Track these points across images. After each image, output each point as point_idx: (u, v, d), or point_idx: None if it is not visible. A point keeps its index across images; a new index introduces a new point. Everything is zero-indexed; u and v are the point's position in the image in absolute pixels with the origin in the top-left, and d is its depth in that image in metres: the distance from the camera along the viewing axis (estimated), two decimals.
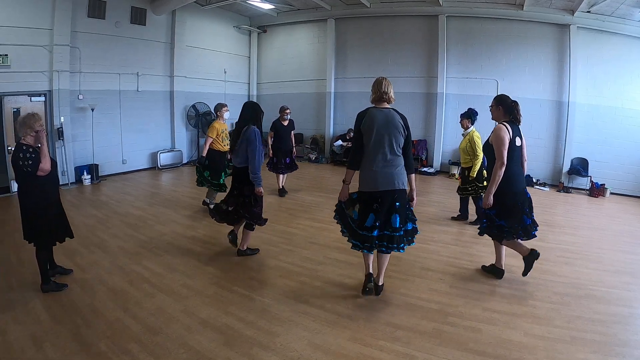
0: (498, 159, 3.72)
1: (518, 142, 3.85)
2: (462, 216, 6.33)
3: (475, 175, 5.70)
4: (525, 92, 9.87)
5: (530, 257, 3.95)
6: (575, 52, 9.19)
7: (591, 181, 9.10)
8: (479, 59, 10.36)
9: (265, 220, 4.61)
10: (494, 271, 4.23)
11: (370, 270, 3.71)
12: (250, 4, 11.76)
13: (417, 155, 10.93)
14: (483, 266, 4.41)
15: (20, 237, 3.69)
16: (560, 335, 3.08)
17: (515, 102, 3.88)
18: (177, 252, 4.79)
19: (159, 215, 6.39)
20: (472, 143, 5.68)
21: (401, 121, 3.43)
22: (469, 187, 5.89)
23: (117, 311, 3.37)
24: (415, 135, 11.24)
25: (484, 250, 4.99)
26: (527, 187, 4.04)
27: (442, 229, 5.87)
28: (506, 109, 3.88)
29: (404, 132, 3.43)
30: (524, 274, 4.04)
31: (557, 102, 9.63)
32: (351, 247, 3.60)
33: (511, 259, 4.66)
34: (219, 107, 6.35)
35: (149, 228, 5.71)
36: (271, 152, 7.67)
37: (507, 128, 3.77)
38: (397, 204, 3.43)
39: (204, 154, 6.20)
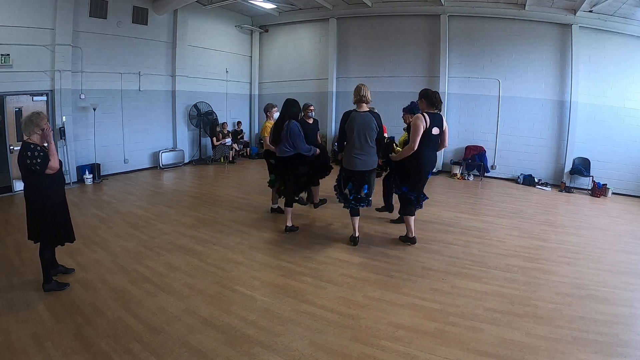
0: (410, 142, 4.56)
1: (435, 131, 4.57)
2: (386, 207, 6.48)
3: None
4: (527, 92, 9.89)
5: (408, 239, 5.07)
6: (577, 51, 9.17)
7: (593, 181, 9.08)
8: (480, 58, 10.34)
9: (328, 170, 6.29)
10: (407, 240, 5.10)
11: (357, 235, 5.05)
12: (252, 3, 11.76)
13: None
14: (400, 237, 5.24)
15: (22, 236, 3.71)
16: (562, 335, 3.08)
17: (435, 92, 4.62)
18: (178, 251, 4.80)
19: (161, 214, 6.40)
20: None
21: (375, 122, 4.63)
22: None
23: (119, 310, 3.38)
24: None
25: (486, 250, 4.99)
26: (432, 171, 5.22)
27: (443, 229, 5.86)
28: (428, 101, 4.57)
29: (376, 129, 4.65)
30: (401, 238, 5.19)
31: (559, 101, 9.61)
32: (343, 206, 5.05)
33: (514, 260, 4.67)
34: (269, 107, 6.26)
35: (151, 227, 5.72)
36: None
37: (424, 118, 4.50)
38: (367, 178, 4.82)
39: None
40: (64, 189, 3.88)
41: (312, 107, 7.41)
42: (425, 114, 4.54)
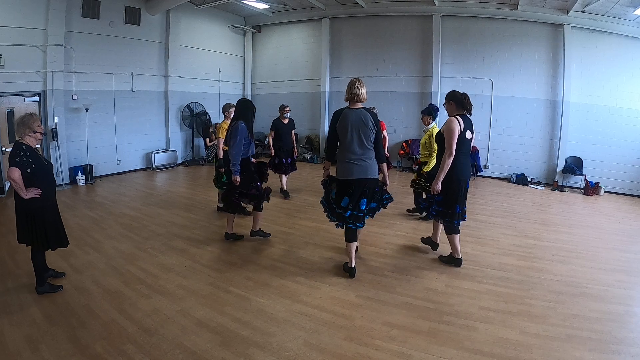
0: (447, 148, 4.02)
1: (468, 135, 4.13)
2: (417, 209, 6.40)
3: (429, 170, 5.57)
4: (519, 92, 9.94)
5: (453, 260, 4.45)
6: (570, 51, 9.23)
7: (585, 180, 9.15)
8: (473, 58, 10.38)
9: (267, 196, 5.09)
10: (452, 261, 4.53)
11: (353, 265, 4.14)
12: (244, 3, 11.73)
13: (411, 154, 10.94)
14: (441, 257, 4.67)
15: (15, 238, 3.65)
16: (556, 333, 3.10)
17: (464, 94, 4.14)
18: (172, 252, 4.77)
19: (154, 215, 6.36)
20: (430, 139, 5.62)
21: (372, 119, 3.89)
22: (421, 181, 5.83)
23: (113, 312, 3.35)
24: (410, 134, 11.27)
25: (480, 249, 5.02)
26: (469, 179, 4.39)
27: None
28: (457, 103, 4.14)
29: (374, 129, 3.91)
30: (442, 258, 4.60)
31: (552, 101, 9.68)
32: (329, 221, 4.20)
33: (508, 258, 4.70)
34: (227, 107, 6.18)
35: (144, 229, 5.68)
36: (273, 151, 7.50)
37: (458, 121, 4.03)
38: (367, 190, 3.93)
39: (221, 156, 6.03)
40: (55, 192, 3.81)
41: (287, 108, 7.47)
42: (457, 116, 4.08)
